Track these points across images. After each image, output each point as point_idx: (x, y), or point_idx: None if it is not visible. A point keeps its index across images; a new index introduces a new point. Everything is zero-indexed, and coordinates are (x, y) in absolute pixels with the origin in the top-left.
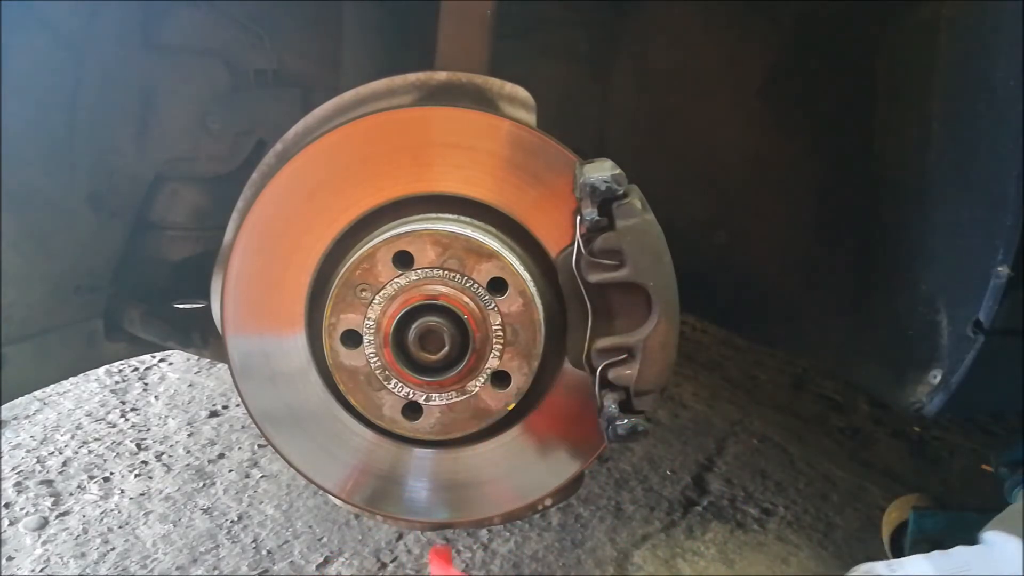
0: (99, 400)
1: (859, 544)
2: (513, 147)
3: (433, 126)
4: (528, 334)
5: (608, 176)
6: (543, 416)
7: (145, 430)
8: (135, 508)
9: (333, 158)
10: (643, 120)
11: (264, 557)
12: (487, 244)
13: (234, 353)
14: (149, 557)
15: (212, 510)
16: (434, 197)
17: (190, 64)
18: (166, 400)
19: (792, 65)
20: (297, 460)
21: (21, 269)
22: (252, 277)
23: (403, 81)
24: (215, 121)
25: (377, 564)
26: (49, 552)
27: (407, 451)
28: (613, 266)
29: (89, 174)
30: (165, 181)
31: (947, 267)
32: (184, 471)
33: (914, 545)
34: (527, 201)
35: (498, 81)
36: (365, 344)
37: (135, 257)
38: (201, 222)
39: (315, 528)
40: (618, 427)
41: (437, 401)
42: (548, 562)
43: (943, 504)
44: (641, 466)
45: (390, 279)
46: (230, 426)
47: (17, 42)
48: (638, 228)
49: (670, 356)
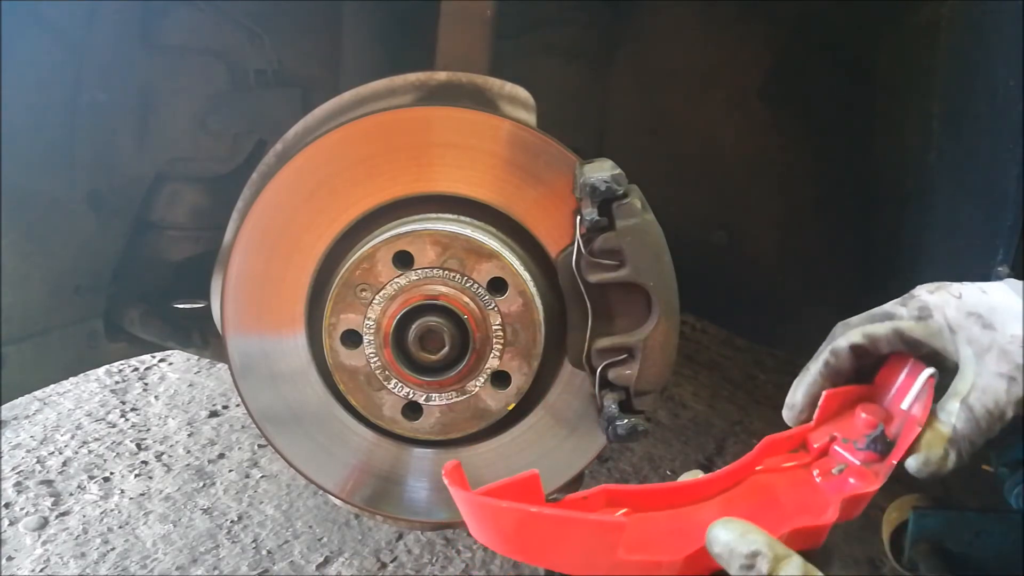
0: (99, 400)
1: (859, 544)
2: (513, 147)
3: (433, 126)
4: (528, 334)
5: (608, 176)
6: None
7: (145, 430)
8: (135, 508)
9: (333, 158)
10: (643, 120)
11: (264, 557)
12: (487, 244)
13: (234, 353)
14: (149, 557)
15: (212, 510)
16: (434, 197)
17: (190, 64)
18: (166, 400)
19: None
20: (297, 460)
21: (21, 269)
22: (252, 277)
23: (403, 81)
24: (215, 121)
25: (377, 564)
26: (49, 552)
27: (407, 451)
28: (613, 266)
29: (89, 174)
30: (165, 181)
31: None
32: (184, 471)
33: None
34: (527, 201)
35: (498, 81)
36: (365, 344)
37: (135, 257)
38: (201, 222)
39: (315, 528)
40: (618, 427)
41: (437, 401)
42: None
43: (943, 504)
44: (641, 466)
45: (390, 279)
46: (230, 426)
47: (17, 42)
48: (638, 228)
49: (670, 356)
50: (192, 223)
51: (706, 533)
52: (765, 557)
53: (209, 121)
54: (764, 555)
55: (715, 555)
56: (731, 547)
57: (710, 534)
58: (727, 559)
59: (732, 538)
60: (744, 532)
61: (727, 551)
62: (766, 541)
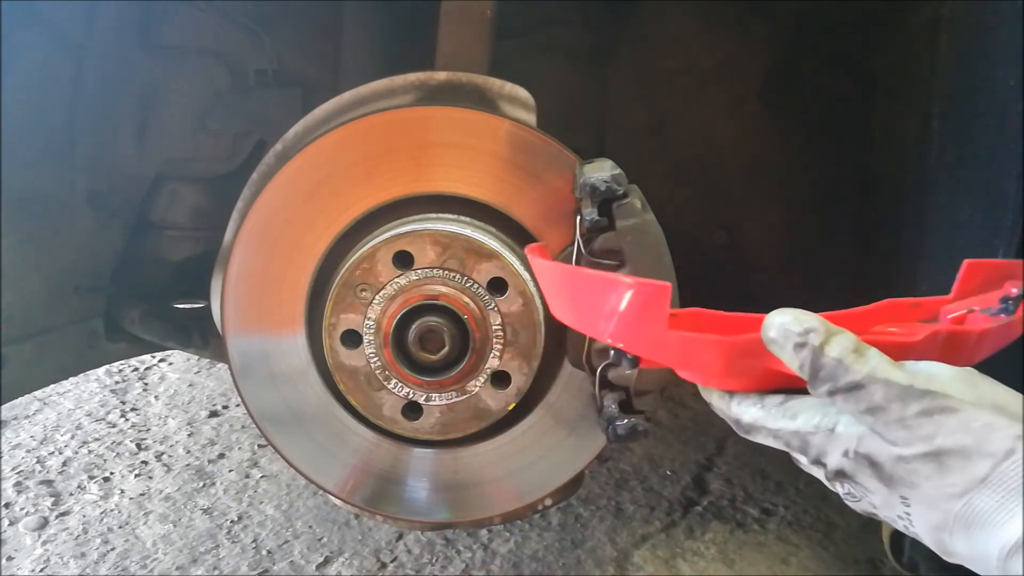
0: (99, 400)
1: (859, 544)
2: (513, 147)
3: (433, 126)
4: (528, 334)
5: (608, 176)
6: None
7: (145, 430)
8: (135, 508)
9: (333, 158)
10: (643, 120)
11: (264, 557)
12: (487, 244)
13: (234, 353)
14: (149, 557)
15: (212, 510)
16: (434, 197)
17: (190, 64)
18: (166, 400)
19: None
20: (297, 460)
21: (21, 269)
22: (252, 277)
23: (403, 81)
24: (215, 121)
25: (377, 564)
26: (49, 552)
27: (407, 451)
28: (613, 266)
29: (89, 174)
30: (165, 181)
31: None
32: (184, 471)
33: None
34: (527, 201)
35: (498, 81)
36: (365, 344)
37: (135, 257)
38: (201, 222)
39: (315, 528)
40: (618, 427)
41: (437, 401)
42: (548, 562)
43: None
44: (641, 466)
45: (390, 279)
46: (230, 426)
47: (17, 42)
48: (638, 228)
49: None
50: (192, 223)
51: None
52: (818, 332)
53: (209, 121)
54: (817, 330)
55: (769, 341)
56: (786, 327)
57: (766, 322)
58: (782, 342)
59: (787, 320)
60: (798, 315)
61: (782, 333)
62: (819, 319)
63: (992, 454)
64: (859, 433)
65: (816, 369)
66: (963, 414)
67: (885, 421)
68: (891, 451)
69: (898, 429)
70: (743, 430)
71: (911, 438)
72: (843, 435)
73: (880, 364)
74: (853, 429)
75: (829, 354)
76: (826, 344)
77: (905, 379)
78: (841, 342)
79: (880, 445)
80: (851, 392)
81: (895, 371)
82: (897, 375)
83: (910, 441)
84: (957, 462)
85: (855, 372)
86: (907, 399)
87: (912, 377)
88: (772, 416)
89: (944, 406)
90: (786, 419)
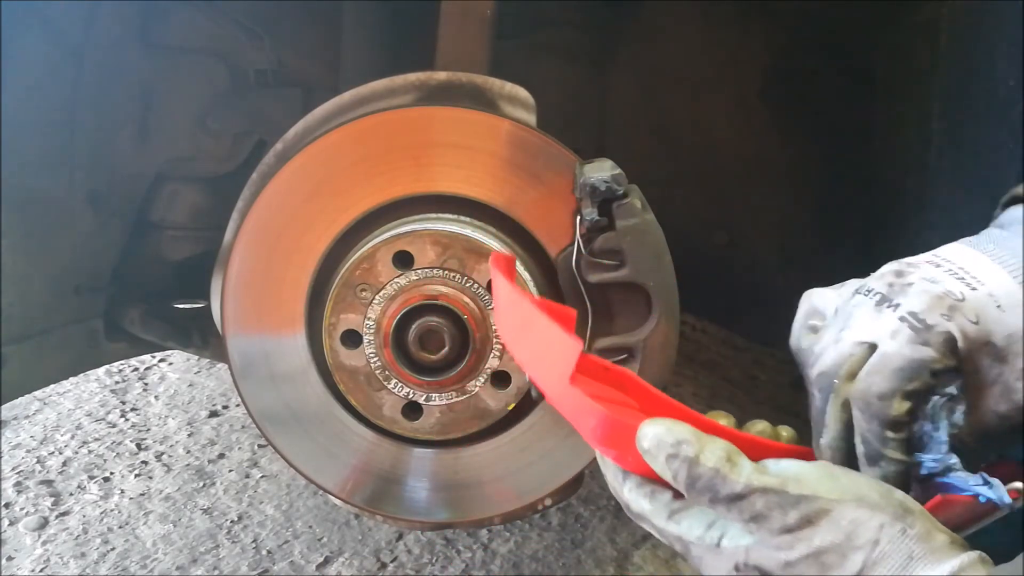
0: (99, 400)
1: None
2: (513, 147)
3: (433, 126)
4: None
5: (608, 176)
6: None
7: (145, 430)
8: (135, 508)
9: (333, 158)
10: (643, 120)
11: (264, 557)
12: (487, 244)
13: (234, 353)
14: (149, 557)
15: (212, 510)
16: (434, 197)
17: (190, 64)
18: (166, 400)
19: (792, 65)
20: (297, 460)
21: (21, 269)
22: (252, 277)
23: (403, 81)
24: (215, 121)
25: (377, 564)
26: (49, 552)
27: (407, 451)
28: (613, 266)
29: (89, 174)
30: (165, 181)
31: None
32: (184, 471)
33: None
34: (527, 201)
35: (498, 81)
36: (365, 344)
37: (135, 257)
38: (201, 222)
39: (315, 528)
40: None
41: (437, 401)
42: (548, 562)
43: None
44: None
45: (390, 279)
46: (230, 426)
47: (17, 42)
48: (638, 228)
49: (670, 356)
50: (192, 223)
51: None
52: (690, 443)
53: (209, 121)
54: (689, 441)
55: (644, 451)
56: (659, 438)
57: (640, 431)
58: (655, 452)
59: (660, 430)
60: (671, 426)
61: (655, 444)
62: (691, 430)
63: (861, 547)
64: (746, 545)
65: (692, 480)
66: (833, 513)
67: (770, 529)
68: (778, 558)
69: (782, 535)
70: (632, 516)
71: (793, 542)
72: (730, 550)
73: (752, 473)
74: (740, 541)
75: (705, 463)
76: (700, 455)
77: (779, 485)
78: (715, 452)
79: (768, 553)
80: (733, 503)
81: (767, 478)
82: (771, 481)
83: (793, 544)
84: (835, 559)
85: (733, 483)
86: (786, 506)
87: (784, 482)
88: (658, 514)
89: (819, 508)
90: (672, 522)
